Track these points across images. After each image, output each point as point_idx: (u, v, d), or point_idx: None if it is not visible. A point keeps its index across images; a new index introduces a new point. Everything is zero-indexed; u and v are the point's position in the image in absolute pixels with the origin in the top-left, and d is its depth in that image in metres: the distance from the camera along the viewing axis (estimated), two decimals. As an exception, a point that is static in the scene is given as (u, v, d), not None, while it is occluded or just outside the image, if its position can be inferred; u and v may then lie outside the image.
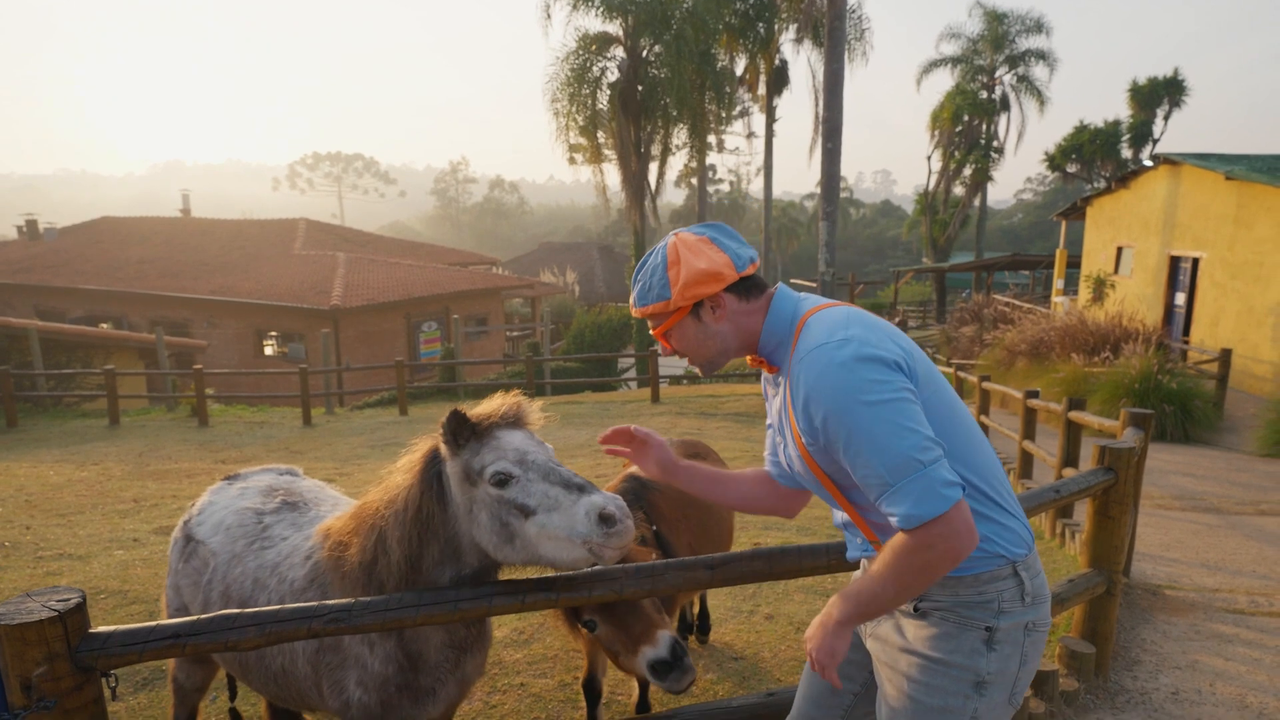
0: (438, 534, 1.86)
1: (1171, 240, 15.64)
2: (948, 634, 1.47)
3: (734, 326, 1.58)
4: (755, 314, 1.58)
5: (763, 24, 26.88)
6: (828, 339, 1.41)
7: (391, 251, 30.00)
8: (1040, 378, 11.90)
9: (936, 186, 34.81)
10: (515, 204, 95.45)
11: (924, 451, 1.32)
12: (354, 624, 1.79)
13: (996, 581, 1.46)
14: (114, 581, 4.65)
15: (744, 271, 1.56)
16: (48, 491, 7.46)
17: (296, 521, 2.37)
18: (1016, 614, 1.46)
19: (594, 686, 2.92)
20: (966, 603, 1.46)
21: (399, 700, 1.99)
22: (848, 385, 1.35)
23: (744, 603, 4.28)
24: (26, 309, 23.74)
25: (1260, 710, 3.15)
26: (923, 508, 1.30)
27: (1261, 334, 12.77)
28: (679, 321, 1.58)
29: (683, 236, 1.58)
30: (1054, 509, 4.28)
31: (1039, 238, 57.94)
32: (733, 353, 1.62)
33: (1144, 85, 29.72)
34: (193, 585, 2.38)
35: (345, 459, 9.56)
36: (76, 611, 1.64)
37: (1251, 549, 5.50)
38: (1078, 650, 3.30)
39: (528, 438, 1.83)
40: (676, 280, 1.53)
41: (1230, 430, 10.61)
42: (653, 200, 24.69)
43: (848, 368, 1.36)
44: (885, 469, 1.32)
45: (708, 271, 1.52)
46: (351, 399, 17.26)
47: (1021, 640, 1.48)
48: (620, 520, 1.64)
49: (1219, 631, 3.91)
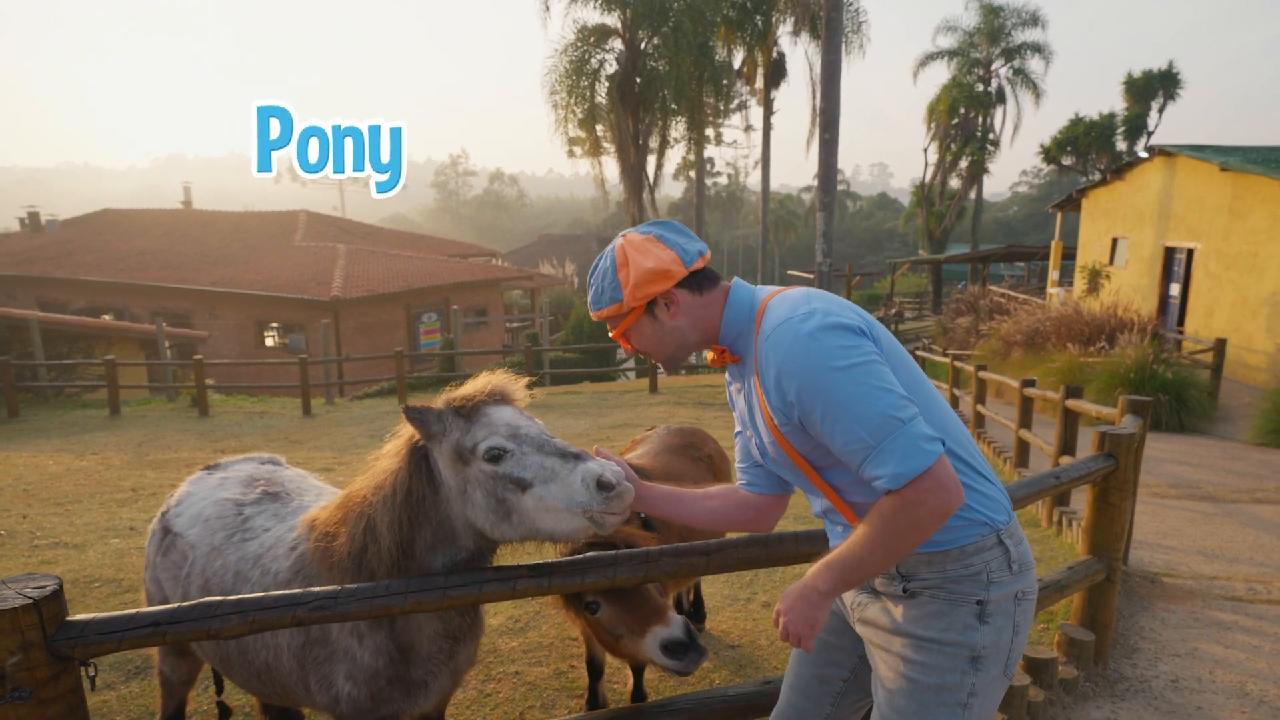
0: (429, 517, 1.79)
1: (1166, 231, 15.56)
2: (939, 611, 1.45)
3: (691, 320, 1.57)
4: (712, 306, 1.57)
5: (760, 16, 26.68)
6: (791, 314, 1.41)
7: (392, 243, 29.87)
8: (1036, 368, 11.84)
9: (933, 179, 34.70)
10: (515, 196, 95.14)
11: (901, 409, 1.31)
12: (340, 611, 1.72)
13: (983, 552, 1.44)
14: (108, 570, 4.58)
15: (693, 266, 1.55)
16: (46, 480, 7.39)
17: (279, 512, 2.28)
18: (1005, 583, 1.45)
19: (595, 664, 2.90)
20: (955, 578, 1.44)
21: (390, 693, 1.92)
22: (817, 354, 1.35)
23: (741, 590, 4.23)
24: (29, 300, 23.61)
25: (1260, 698, 3.10)
26: (909, 464, 1.29)
27: (1256, 324, 12.70)
28: (635, 321, 1.58)
29: (630, 237, 1.57)
30: (1051, 496, 4.22)
31: (1034, 229, 57.79)
32: (692, 346, 1.61)
33: (1139, 78, 29.60)
34: (171, 579, 2.29)
35: (344, 448, 9.49)
36: (53, 599, 1.57)
37: (1248, 536, 5.45)
38: (1077, 638, 3.24)
39: (517, 413, 1.76)
40: (627, 281, 1.53)
41: (1225, 419, 10.57)
42: (651, 192, 24.55)
43: (815, 337, 1.36)
44: (866, 431, 1.31)
45: (655, 270, 1.52)
46: (351, 389, 17.19)
47: (1013, 610, 1.46)
48: (618, 484, 1.58)
49: (1218, 619, 3.86)
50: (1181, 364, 11.13)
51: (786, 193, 75.68)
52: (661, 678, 3.27)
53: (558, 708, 3.06)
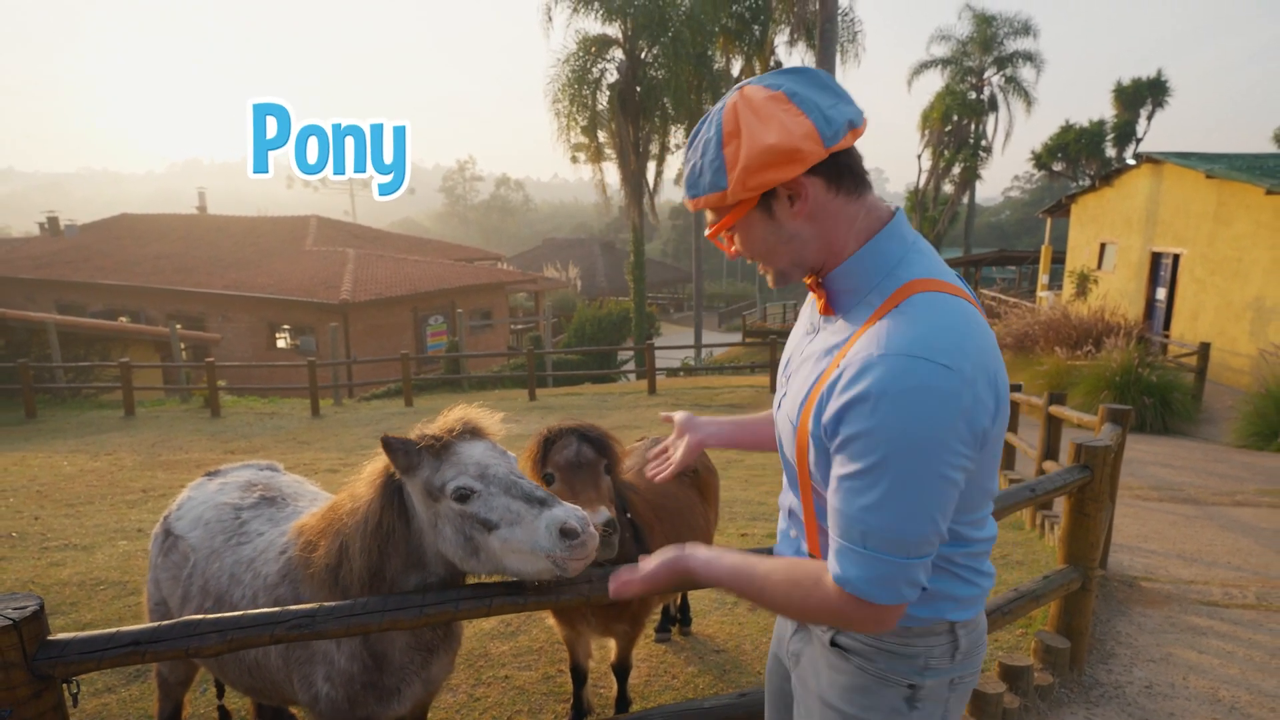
0: (399, 548, 1.80)
1: (1153, 237, 15.49)
2: (865, 688, 1.22)
3: (819, 228, 1.12)
4: (850, 220, 1.12)
5: (758, 26, 26.58)
6: (929, 355, 1.00)
7: (399, 247, 29.90)
8: (1025, 370, 11.81)
9: (926, 184, 34.59)
10: (520, 201, 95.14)
11: (920, 546, 1.04)
12: (317, 629, 1.71)
13: (928, 637, 1.20)
14: (115, 572, 4.58)
15: (836, 145, 1.07)
16: (60, 481, 7.40)
17: (274, 517, 2.31)
18: (943, 671, 1.21)
19: (580, 671, 2.90)
20: (889, 651, 1.20)
21: (364, 697, 1.95)
22: (922, 436, 1.00)
23: (727, 594, 4.20)
24: (48, 303, 23.69)
25: (1232, 704, 3.07)
26: (871, 590, 1.05)
27: (1239, 328, 12.65)
28: (743, 217, 1.14)
29: (747, 93, 1.10)
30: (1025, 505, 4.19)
31: (1025, 234, 57.65)
32: (810, 263, 1.17)
33: (1128, 86, 29.48)
34: (172, 579, 2.32)
35: (351, 449, 9.49)
36: (33, 620, 1.56)
37: (1227, 540, 5.42)
38: (1053, 645, 3.22)
39: (489, 449, 1.75)
40: (735, 162, 1.08)
41: (1208, 421, 10.52)
42: (651, 198, 24.52)
43: (936, 416, 0.99)
44: (872, 530, 1.04)
45: (779, 148, 1.05)
46: (359, 390, 17.21)
47: (946, 697, 1.23)
48: (581, 533, 1.57)
49: (1193, 624, 3.83)
50: (1166, 367, 11.09)
51: (785, 197, 75.37)
52: (647, 682, 3.26)
53: (545, 712, 3.04)
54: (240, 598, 2.10)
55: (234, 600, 2.11)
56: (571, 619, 2.63)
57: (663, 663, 3.43)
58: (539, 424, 2.42)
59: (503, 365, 20.84)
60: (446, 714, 3.02)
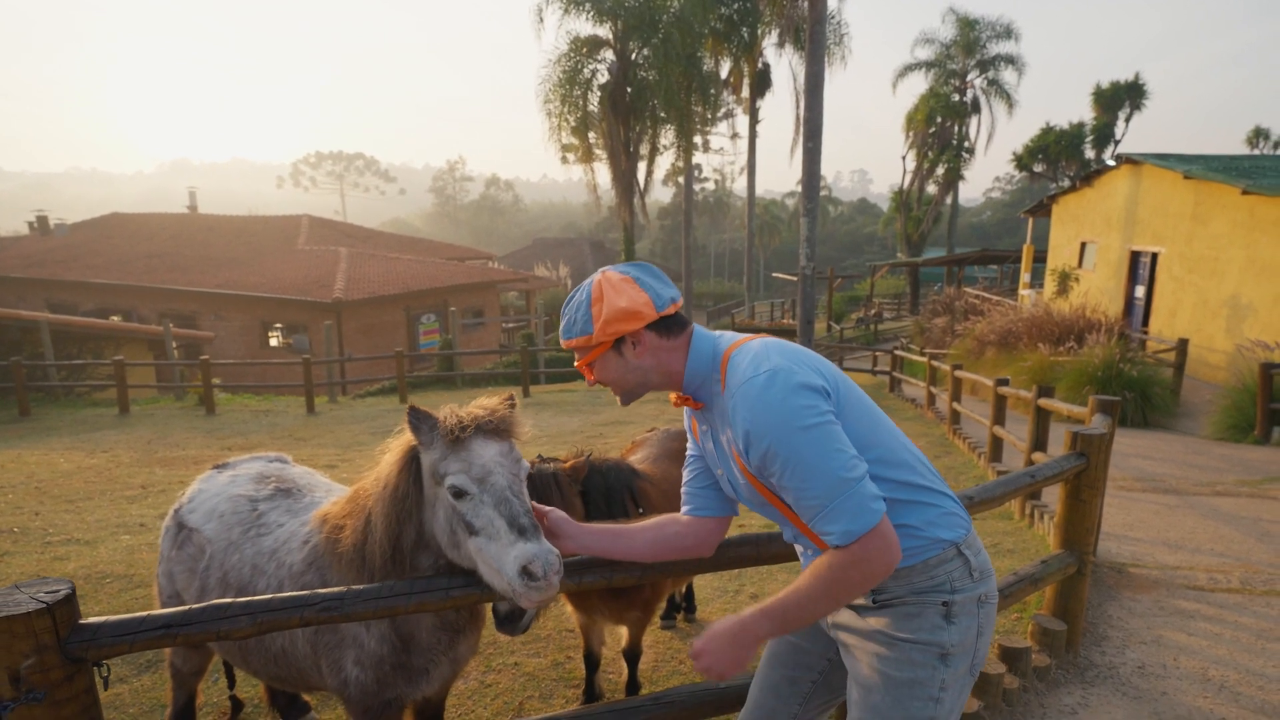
0: (411, 515, 1.81)
1: (1132, 236, 15.68)
2: (910, 614, 1.50)
3: (655, 362, 1.57)
4: (676, 351, 1.58)
5: (746, 28, 26.69)
6: (754, 372, 1.42)
7: (391, 247, 29.71)
8: (1009, 366, 11.91)
9: (911, 185, 34.81)
10: (510, 201, 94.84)
11: (852, 469, 1.36)
12: (345, 612, 1.72)
13: (945, 564, 1.49)
14: (119, 566, 4.54)
15: (664, 311, 1.56)
16: (57, 478, 7.32)
17: (292, 508, 2.30)
18: (968, 589, 1.50)
19: (592, 657, 2.93)
20: (920, 589, 1.49)
21: (393, 678, 1.96)
22: (781, 414, 1.37)
23: (729, 582, 4.23)
24: (39, 302, 23.35)
25: (1221, 683, 3.13)
26: (857, 522, 1.35)
27: (1216, 325, 12.83)
28: (601, 355, 1.58)
29: (608, 275, 1.58)
30: (1025, 492, 4.24)
31: (1007, 234, 58.14)
32: (653, 385, 1.61)
33: (1107, 89, 29.81)
34: (187, 572, 2.30)
35: (346, 445, 9.45)
36: (65, 603, 1.55)
37: (1209, 528, 5.50)
38: (1049, 628, 3.26)
39: (501, 453, 1.72)
40: (599, 316, 1.53)
41: (1186, 415, 10.67)
42: (641, 198, 24.50)
43: (778, 398, 1.38)
44: (820, 489, 1.35)
45: (628, 310, 1.52)
46: (353, 388, 17.10)
47: (976, 612, 1.51)
48: (542, 578, 1.55)
49: (1181, 607, 3.90)
50: (1146, 363, 11.21)
51: (771, 198, 75.80)
52: (655, 666, 3.28)
53: (555, 698, 3.05)
54: (265, 588, 2.09)
55: (258, 590, 2.10)
56: (587, 606, 2.65)
57: (670, 648, 3.46)
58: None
59: (495, 363, 20.78)
60: (458, 700, 3.03)
